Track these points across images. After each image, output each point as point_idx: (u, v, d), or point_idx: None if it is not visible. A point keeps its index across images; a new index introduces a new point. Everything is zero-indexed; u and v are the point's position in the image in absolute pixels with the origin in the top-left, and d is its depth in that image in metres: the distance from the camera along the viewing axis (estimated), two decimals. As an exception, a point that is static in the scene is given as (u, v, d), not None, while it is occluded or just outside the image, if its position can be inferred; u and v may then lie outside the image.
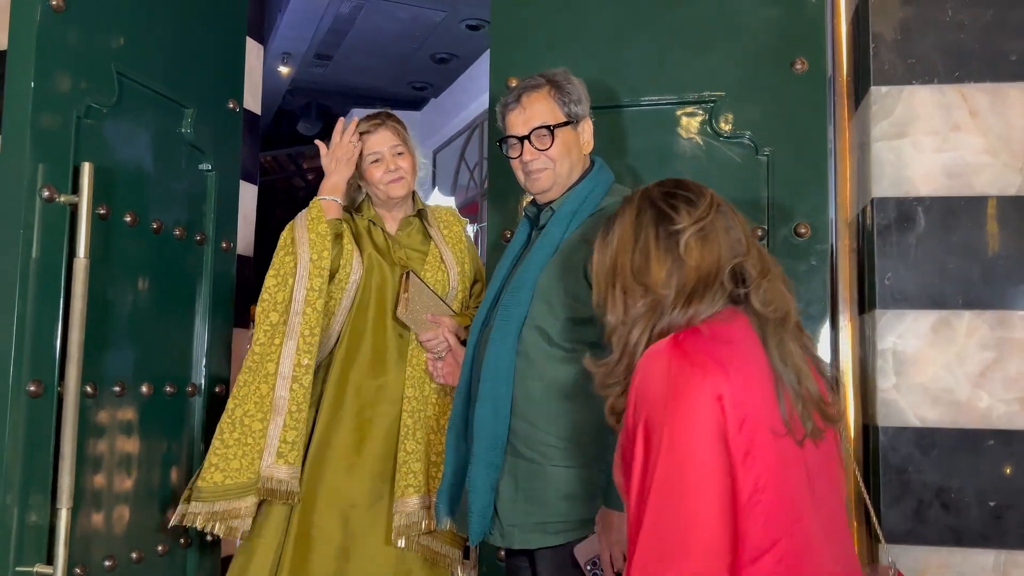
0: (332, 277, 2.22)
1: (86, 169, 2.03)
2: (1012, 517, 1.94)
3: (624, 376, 1.33)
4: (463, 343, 2.15)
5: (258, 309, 2.24)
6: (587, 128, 1.98)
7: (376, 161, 2.31)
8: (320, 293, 2.17)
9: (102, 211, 2.14)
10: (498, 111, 2.02)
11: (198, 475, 2.18)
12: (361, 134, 2.32)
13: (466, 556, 2.32)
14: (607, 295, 1.39)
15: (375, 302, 2.27)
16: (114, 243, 2.20)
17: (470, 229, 7.26)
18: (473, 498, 1.81)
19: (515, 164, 1.96)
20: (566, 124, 1.93)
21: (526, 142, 1.92)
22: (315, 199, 2.28)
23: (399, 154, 2.31)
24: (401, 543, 2.16)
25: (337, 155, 2.28)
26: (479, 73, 7.39)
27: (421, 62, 7.87)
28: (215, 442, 2.17)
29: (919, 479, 1.98)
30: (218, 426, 2.19)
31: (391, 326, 2.27)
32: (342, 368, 2.24)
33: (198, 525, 2.14)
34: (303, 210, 2.28)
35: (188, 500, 2.17)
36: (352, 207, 2.38)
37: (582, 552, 1.75)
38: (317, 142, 2.36)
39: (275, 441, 2.13)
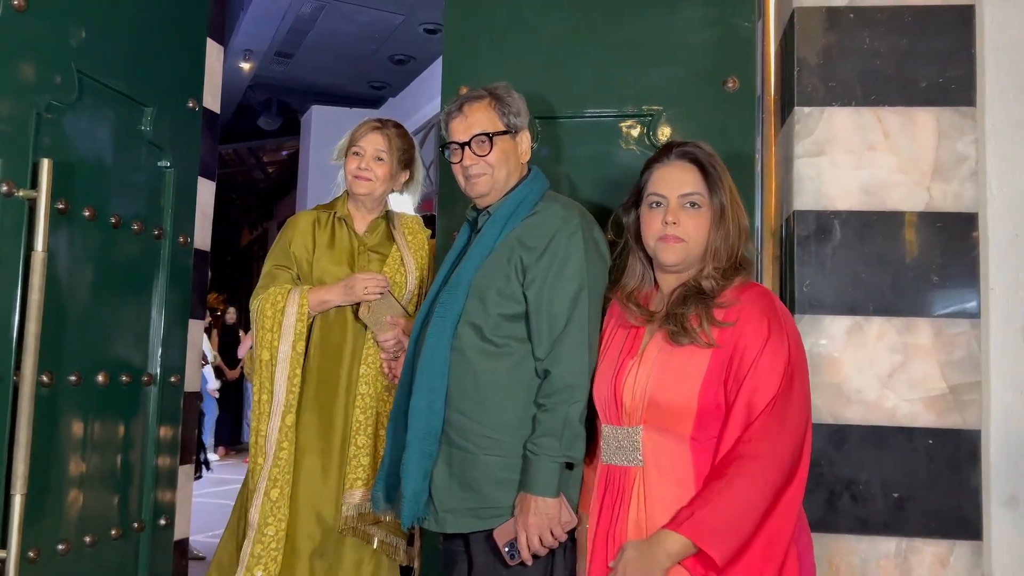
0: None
1: (45, 165, 2.10)
2: (913, 507, 2.11)
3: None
4: None
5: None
6: (525, 139, 2.10)
7: (356, 153, 2.44)
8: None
9: (61, 206, 2.21)
10: (442, 119, 2.13)
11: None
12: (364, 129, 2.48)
13: (411, 543, 2.44)
14: None
15: (334, 310, 2.38)
16: (73, 237, 2.26)
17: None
18: (406, 484, 1.92)
19: (456, 169, 2.07)
20: (505, 133, 2.05)
21: (466, 148, 2.03)
22: (305, 297, 2.36)
23: (378, 159, 2.43)
24: (346, 532, 2.28)
25: (355, 291, 2.35)
26: (435, 75, 7.47)
27: (380, 63, 7.94)
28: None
29: (831, 472, 2.13)
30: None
31: (348, 327, 2.37)
32: (305, 372, 2.35)
33: None
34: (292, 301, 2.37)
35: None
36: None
37: (500, 534, 1.86)
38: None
39: (245, 556, 2.28)
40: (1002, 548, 2.12)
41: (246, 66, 7.78)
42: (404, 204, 2.73)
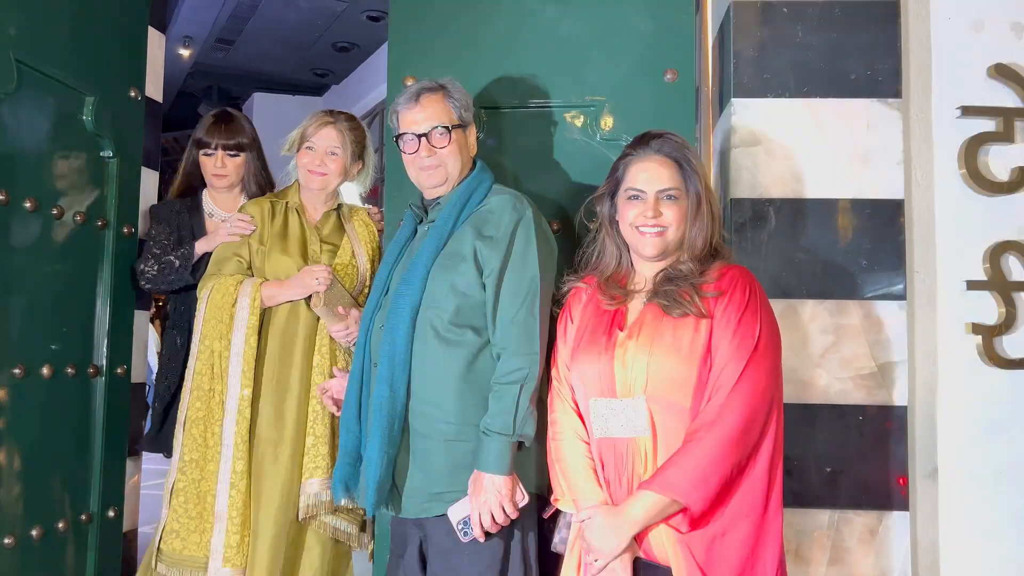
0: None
1: (-15, 156, 2.08)
2: (844, 481, 2.21)
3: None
4: None
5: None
6: (472, 132, 2.15)
7: (309, 149, 2.45)
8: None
9: (1, 197, 2.19)
10: (393, 109, 2.14)
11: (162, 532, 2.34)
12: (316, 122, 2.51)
13: (362, 530, 2.48)
14: None
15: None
16: (14, 229, 2.24)
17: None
18: (369, 472, 1.95)
19: (410, 159, 2.09)
20: (459, 127, 2.09)
21: (424, 139, 2.06)
22: (258, 291, 2.39)
23: (332, 154, 2.45)
24: (306, 522, 2.32)
25: (307, 284, 2.38)
26: (379, 63, 7.46)
27: (322, 50, 7.87)
28: (177, 508, 2.32)
29: (767, 449, 2.22)
30: (179, 490, 2.33)
31: (301, 321, 2.39)
32: (258, 362, 2.36)
33: None
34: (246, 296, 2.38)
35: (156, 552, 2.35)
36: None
37: (454, 512, 1.91)
38: None
39: (220, 547, 2.29)
40: (927, 517, 2.23)
41: (186, 53, 7.64)
42: (351, 193, 2.74)
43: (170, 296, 2.78)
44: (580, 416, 1.90)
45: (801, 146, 2.31)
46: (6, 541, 2.21)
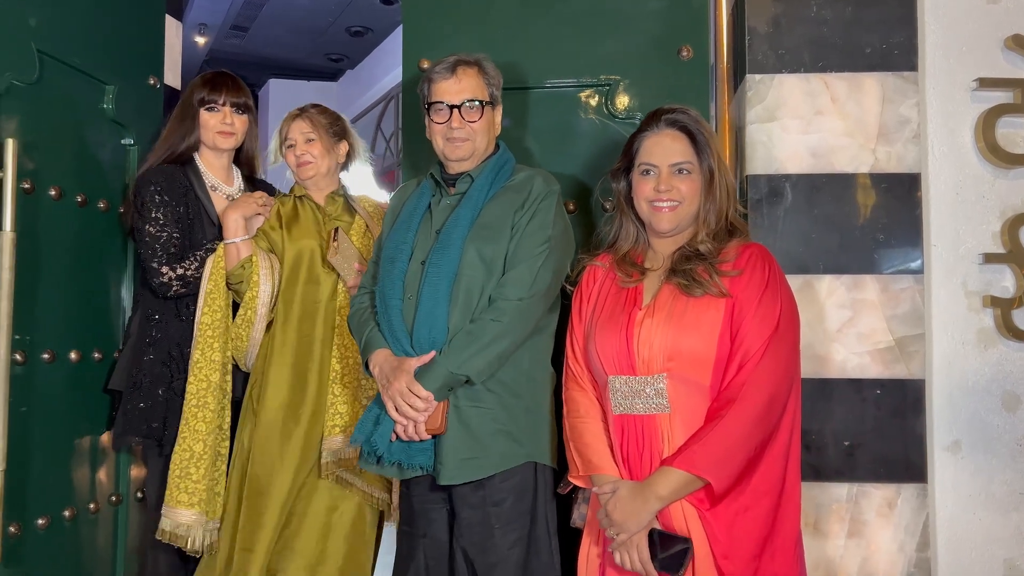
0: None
1: (9, 146, 2.12)
2: (861, 454, 2.22)
3: None
4: None
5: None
6: (499, 112, 2.17)
7: (290, 147, 2.50)
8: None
9: (27, 185, 2.22)
10: (427, 77, 2.13)
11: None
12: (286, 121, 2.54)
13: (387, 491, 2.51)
14: None
15: (306, 268, 2.42)
16: (40, 216, 2.28)
17: (387, 197, 7.36)
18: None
19: (438, 129, 2.10)
20: (490, 104, 2.11)
21: (456, 111, 2.07)
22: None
23: (309, 140, 2.49)
24: (328, 478, 2.34)
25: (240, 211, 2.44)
26: (393, 46, 7.46)
27: (337, 34, 7.87)
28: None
29: (784, 423, 2.24)
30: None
31: (321, 286, 2.42)
32: (280, 333, 2.39)
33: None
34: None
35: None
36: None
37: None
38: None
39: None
40: (945, 490, 2.24)
41: (201, 40, 7.68)
42: (366, 176, 2.77)
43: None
44: (596, 393, 1.92)
45: (817, 121, 2.31)
46: (39, 522, 2.27)
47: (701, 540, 1.74)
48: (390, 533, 2.44)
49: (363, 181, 2.75)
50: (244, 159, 2.69)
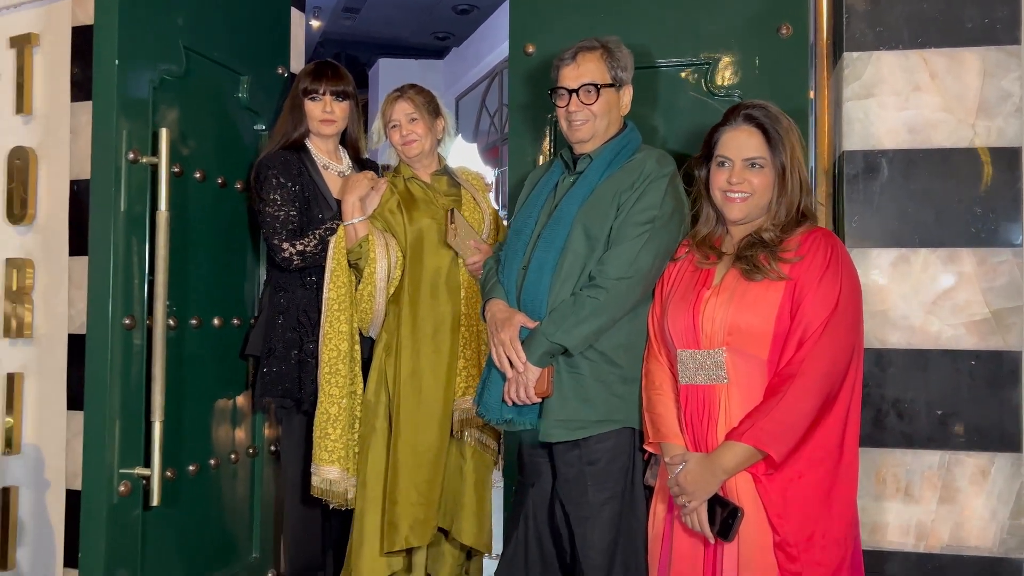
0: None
1: (164, 134, 2.37)
2: (955, 423, 2.28)
3: None
4: None
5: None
6: (627, 93, 2.29)
7: (394, 127, 2.68)
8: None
9: (176, 169, 2.48)
10: (555, 64, 2.30)
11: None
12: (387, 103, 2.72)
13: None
14: None
15: (426, 245, 2.62)
16: (187, 197, 2.55)
17: (492, 173, 7.56)
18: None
19: (561, 112, 2.26)
20: (611, 86, 2.24)
21: (574, 95, 2.22)
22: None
23: (412, 120, 2.67)
24: (464, 436, 2.61)
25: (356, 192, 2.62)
26: (499, 23, 7.60)
27: (443, 13, 8.08)
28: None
29: (877, 392, 2.31)
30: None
31: (442, 262, 2.62)
32: (409, 306, 2.61)
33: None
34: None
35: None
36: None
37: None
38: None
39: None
40: (1041, 460, 2.28)
41: (315, 23, 8.01)
42: (472, 152, 2.96)
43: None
44: (671, 368, 2.06)
45: (914, 97, 2.34)
46: (190, 468, 2.56)
47: (756, 503, 1.89)
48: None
49: (469, 157, 2.93)
50: (348, 141, 2.90)
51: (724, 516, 1.89)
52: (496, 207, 2.88)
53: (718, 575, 1.92)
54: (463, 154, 2.61)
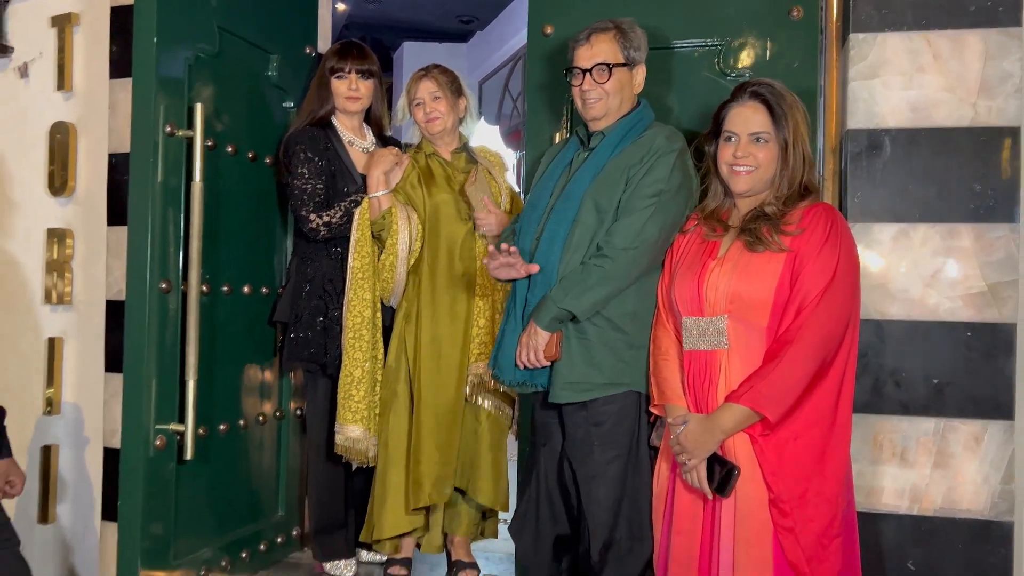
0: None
1: (199, 109, 2.50)
2: (951, 391, 2.36)
3: None
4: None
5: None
6: (640, 72, 2.38)
7: (418, 105, 2.80)
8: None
9: (210, 143, 2.61)
10: (570, 45, 2.40)
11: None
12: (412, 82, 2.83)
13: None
14: None
15: (444, 218, 2.74)
16: (219, 170, 2.68)
17: (514, 156, 7.67)
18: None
19: (575, 91, 2.36)
20: (623, 65, 2.33)
21: (587, 74, 2.32)
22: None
23: (436, 98, 2.78)
24: (478, 400, 2.74)
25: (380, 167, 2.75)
26: (522, 7, 7.63)
27: (467, -4, 8.15)
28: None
29: (876, 361, 2.40)
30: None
31: (458, 234, 2.74)
32: (428, 276, 2.73)
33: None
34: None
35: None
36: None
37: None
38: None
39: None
40: (1033, 428, 2.36)
41: (341, 7, 8.11)
42: (494, 135, 3.08)
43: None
44: (677, 334, 2.17)
45: (918, 77, 2.42)
46: (221, 427, 2.71)
47: (752, 462, 2.00)
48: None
49: (491, 140, 3.05)
50: (373, 118, 3.02)
51: (722, 474, 2.00)
52: (514, 188, 3.00)
53: (716, 530, 2.04)
54: (486, 137, 2.71)
